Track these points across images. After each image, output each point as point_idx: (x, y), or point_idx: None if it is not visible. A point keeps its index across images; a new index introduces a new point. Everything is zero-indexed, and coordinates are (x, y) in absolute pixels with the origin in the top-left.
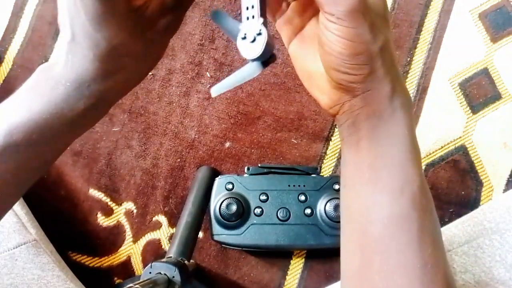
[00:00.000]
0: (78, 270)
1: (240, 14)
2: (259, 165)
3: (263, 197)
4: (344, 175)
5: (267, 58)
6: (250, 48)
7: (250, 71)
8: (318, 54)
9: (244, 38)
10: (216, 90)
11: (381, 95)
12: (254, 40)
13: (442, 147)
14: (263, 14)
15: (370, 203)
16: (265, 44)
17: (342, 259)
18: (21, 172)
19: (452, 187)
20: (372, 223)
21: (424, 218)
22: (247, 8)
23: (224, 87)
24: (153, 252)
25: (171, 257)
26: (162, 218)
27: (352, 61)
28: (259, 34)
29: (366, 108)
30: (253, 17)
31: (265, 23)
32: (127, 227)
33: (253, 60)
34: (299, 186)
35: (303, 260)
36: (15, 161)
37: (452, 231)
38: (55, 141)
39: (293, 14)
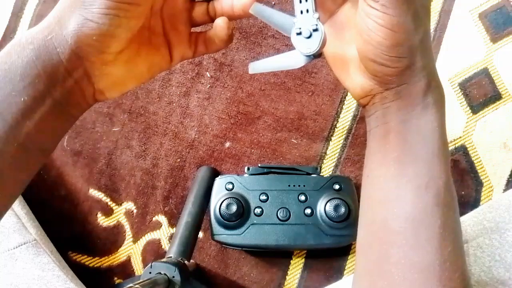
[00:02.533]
0: (78, 270)
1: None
2: (259, 165)
3: (263, 197)
4: (369, 166)
5: (318, 53)
6: (306, 43)
7: (296, 61)
8: (352, 42)
9: (299, 33)
10: (255, 68)
11: (416, 89)
12: (310, 36)
13: None
14: (316, 7)
15: (394, 197)
16: (322, 40)
17: (358, 250)
18: None
19: None
20: (394, 216)
21: (447, 216)
22: (300, 1)
23: (264, 68)
24: (153, 252)
25: (171, 257)
26: (162, 218)
27: (392, 53)
28: (316, 30)
29: (398, 102)
30: (307, 11)
31: (319, 18)
32: (127, 227)
33: (309, 55)
34: (299, 186)
35: (303, 260)
36: None
37: None
38: None
39: None
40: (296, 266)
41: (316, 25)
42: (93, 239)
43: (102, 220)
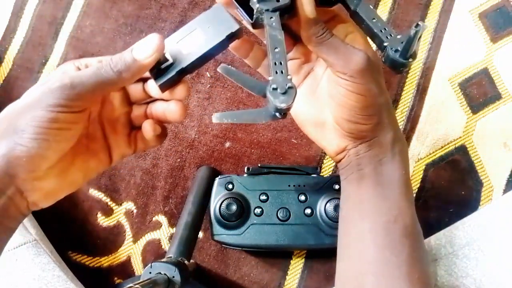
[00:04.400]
0: (78, 270)
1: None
2: (259, 165)
3: (263, 197)
4: (345, 208)
5: (286, 111)
6: (282, 98)
7: (262, 117)
8: (320, 109)
9: (275, 89)
10: (218, 117)
11: (385, 141)
12: (285, 92)
13: (442, 147)
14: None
15: (368, 230)
16: (295, 96)
17: (337, 281)
18: None
19: (452, 187)
20: (368, 247)
21: (415, 246)
22: (275, 64)
23: (228, 118)
24: (153, 252)
25: (171, 257)
26: (162, 218)
27: (364, 112)
28: (291, 87)
29: (370, 152)
30: (282, 72)
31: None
32: (127, 227)
33: (280, 109)
34: (299, 186)
35: (303, 260)
36: None
37: (453, 233)
38: None
39: (291, 71)
40: (296, 266)
41: (292, 83)
42: (93, 239)
43: (102, 220)
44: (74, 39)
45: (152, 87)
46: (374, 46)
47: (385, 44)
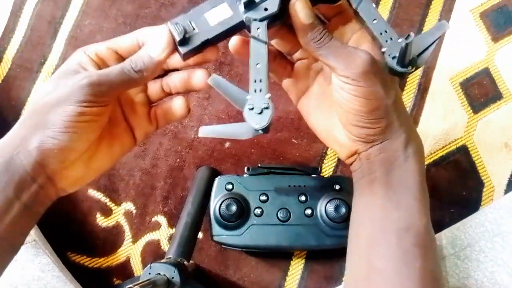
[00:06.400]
0: (77, 271)
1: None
2: (259, 165)
3: (263, 198)
4: (356, 210)
5: (267, 129)
6: (257, 118)
7: (245, 132)
8: (331, 111)
9: (252, 109)
10: (204, 132)
11: (397, 144)
12: (261, 112)
13: (443, 147)
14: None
15: (378, 239)
16: (271, 117)
17: (345, 285)
18: None
19: (453, 187)
20: (378, 256)
21: (427, 257)
22: (255, 81)
23: (213, 133)
24: (153, 253)
25: (170, 257)
26: (161, 219)
27: (370, 116)
28: (266, 108)
29: (381, 155)
30: (260, 90)
31: (270, 98)
32: (126, 227)
33: (258, 130)
34: (299, 186)
35: (304, 261)
36: None
37: (454, 233)
38: None
39: (298, 75)
40: (296, 267)
41: (268, 103)
42: (92, 240)
43: (101, 221)
44: (73, 39)
45: (172, 58)
46: None
47: (383, 49)
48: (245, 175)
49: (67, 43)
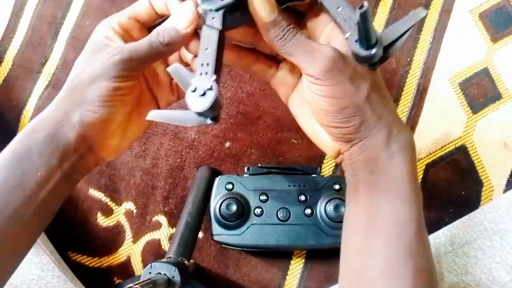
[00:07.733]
0: (78, 270)
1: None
2: (259, 165)
3: (263, 197)
4: (345, 216)
5: (212, 115)
6: (199, 101)
7: (190, 119)
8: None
9: (194, 91)
10: (152, 115)
11: (377, 140)
12: (204, 94)
13: (442, 147)
14: (217, 71)
15: (367, 248)
16: (214, 99)
17: (340, 284)
18: None
19: (452, 187)
20: (368, 267)
21: (420, 266)
22: (202, 65)
23: (160, 117)
24: (153, 252)
25: (171, 257)
26: (162, 218)
27: (340, 116)
28: (210, 89)
29: (363, 155)
30: (206, 73)
31: (217, 80)
32: (127, 227)
33: (199, 113)
34: (299, 186)
35: (303, 260)
36: None
37: (452, 232)
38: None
39: (284, 74)
40: (296, 267)
41: (211, 85)
42: (92, 239)
43: (102, 220)
44: (74, 39)
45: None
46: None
47: (346, 36)
48: (245, 175)
49: (68, 43)
